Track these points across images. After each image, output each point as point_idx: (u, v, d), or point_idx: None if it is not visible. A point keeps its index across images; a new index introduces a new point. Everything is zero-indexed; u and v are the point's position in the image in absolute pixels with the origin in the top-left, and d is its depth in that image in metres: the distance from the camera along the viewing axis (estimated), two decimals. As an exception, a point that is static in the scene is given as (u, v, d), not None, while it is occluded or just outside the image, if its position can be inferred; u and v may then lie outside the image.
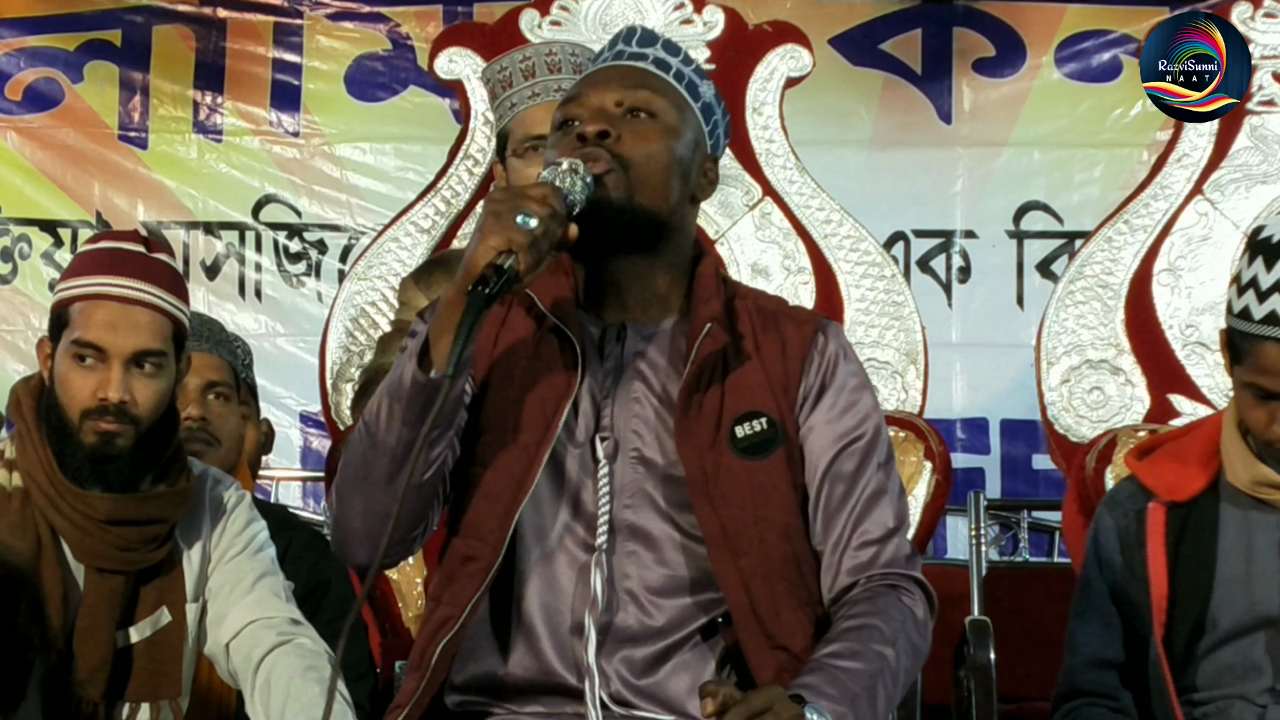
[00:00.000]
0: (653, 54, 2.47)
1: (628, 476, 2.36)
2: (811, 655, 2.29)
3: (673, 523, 2.36)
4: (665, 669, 2.33)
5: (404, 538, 2.39)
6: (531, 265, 2.23)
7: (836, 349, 2.45)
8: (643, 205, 2.37)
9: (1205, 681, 2.81)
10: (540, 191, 2.26)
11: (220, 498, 2.85)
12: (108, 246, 2.78)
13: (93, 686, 2.70)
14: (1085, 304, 3.67)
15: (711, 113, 2.48)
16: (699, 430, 2.35)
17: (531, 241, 2.22)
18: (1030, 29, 6.70)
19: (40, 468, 2.72)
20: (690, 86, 2.46)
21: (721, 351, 2.38)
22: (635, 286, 2.42)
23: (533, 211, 2.23)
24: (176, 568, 2.78)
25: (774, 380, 2.41)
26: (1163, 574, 2.82)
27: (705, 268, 2.46)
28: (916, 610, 2.38)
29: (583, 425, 2.38)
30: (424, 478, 2.33)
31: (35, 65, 6.77)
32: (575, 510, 2.36)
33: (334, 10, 6.78)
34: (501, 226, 2.22)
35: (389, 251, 3.84)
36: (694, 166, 2.44)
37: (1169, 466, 2.89)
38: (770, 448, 2.37)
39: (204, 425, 3.52)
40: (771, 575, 2.34)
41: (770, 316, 2.46)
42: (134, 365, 2.71)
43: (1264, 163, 3.72)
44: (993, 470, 6.56)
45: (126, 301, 2.71)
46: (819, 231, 3.79)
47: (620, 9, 3.88)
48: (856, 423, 2.42)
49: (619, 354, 2.41)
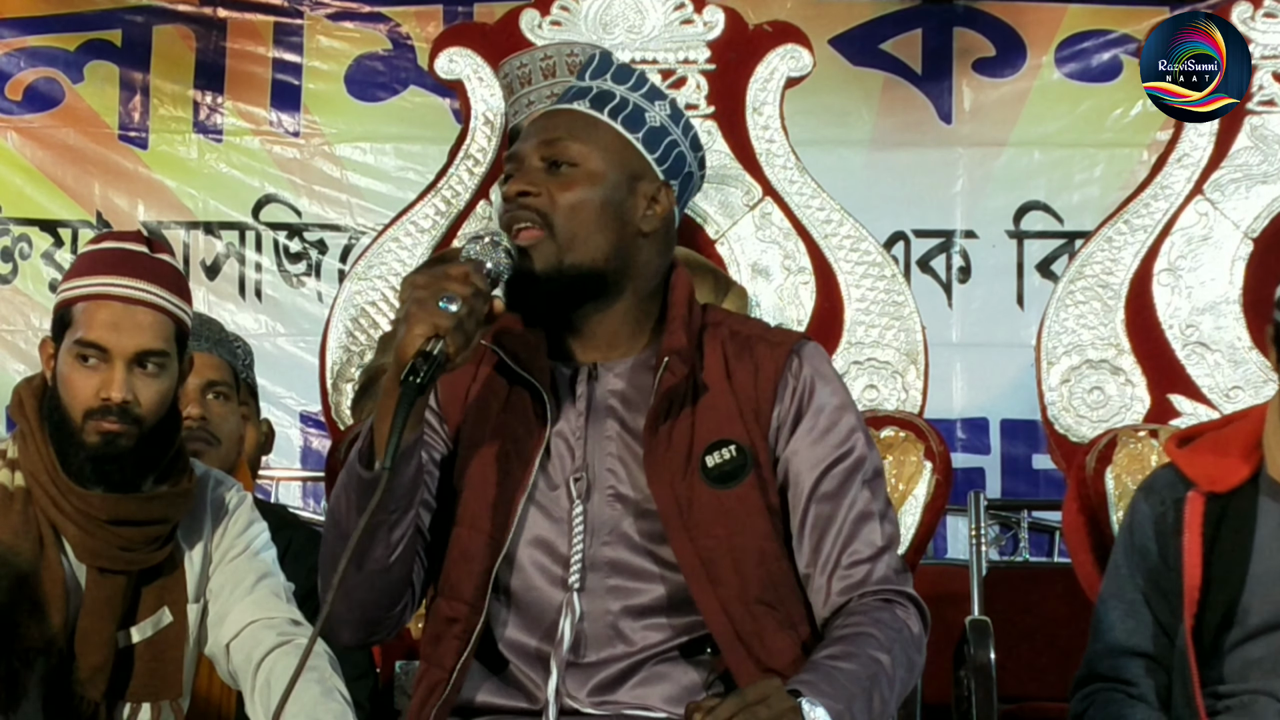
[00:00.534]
0: (596, 87, 2.46)
1: (603, 514, 2.38)
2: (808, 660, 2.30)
3: (649, 555, 2.37)
4: (636, 679, 2.34)
5: (383, 617, 2.42)
6: (461, 346, 2.25)
7: (812, 370, 2.44)
8: (573, 264, 2.38)
9: (1231, 675, 2.80)
10: (460, 270, 2.27)
11: (222, 499, 2.85)
12: (110, 247, 2.78)
13: (93, 686, 2.70)
14: (1085, 304, 3.67)
15: (661, 137, 2.45)
16: (670, 462, 2.36)
17: (457, 324, 2.24)
18: (1030, 29, 6.70)
19: (43, 467, 2.73)
20: (630, 117, 2.44)
21: (688, 382, 2.38)
22: (598, 330, 2.43)
23: (454, 294, 2.25)
24: (178, 568, 2.78)
25: (745, 406, 2.40)
26: (1197, 564, 2.80)
27: (676, 296, 2.45)
28: (911, 624, 2.37)
29: (558, 468, 2.40)
30: (390, 561, 2.35)
31: (36, 65, 6.77)
32: (551, 552, 2.38)
33: (334, 10, 6.79)
34: (425, 313, 2.24)
35: (389, 251, 3.84)
36: (631, 203, 2.42)
37: (1209, 457, 2.87)
38: (741, 474, 2.37)
39: (204, 425, 3.52)
40: (750, 601, 2.35)
41: (744, 341, 2.45)
42: (136, 365, 2.71)
43: (1264, 163, 3.71)
44: (993, 470, 6.57)
45: (129, 301, 2.71)
46: (819, 231, 3.78)
47: (620, 9, 3.87)
48: (837, 443, 2.41)
49: (589, 393, 2.42)
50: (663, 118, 2.46)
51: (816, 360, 2.46)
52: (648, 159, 2.44)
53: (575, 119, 2.44)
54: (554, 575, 2.37)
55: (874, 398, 3.65)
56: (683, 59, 3.85)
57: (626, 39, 3.85)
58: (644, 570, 2.36)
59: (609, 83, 2.46)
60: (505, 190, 2.41)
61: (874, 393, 3.68)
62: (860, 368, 3.69)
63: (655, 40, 3.86)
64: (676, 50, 3.85)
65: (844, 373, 3.64)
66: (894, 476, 3.43)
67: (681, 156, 2.47)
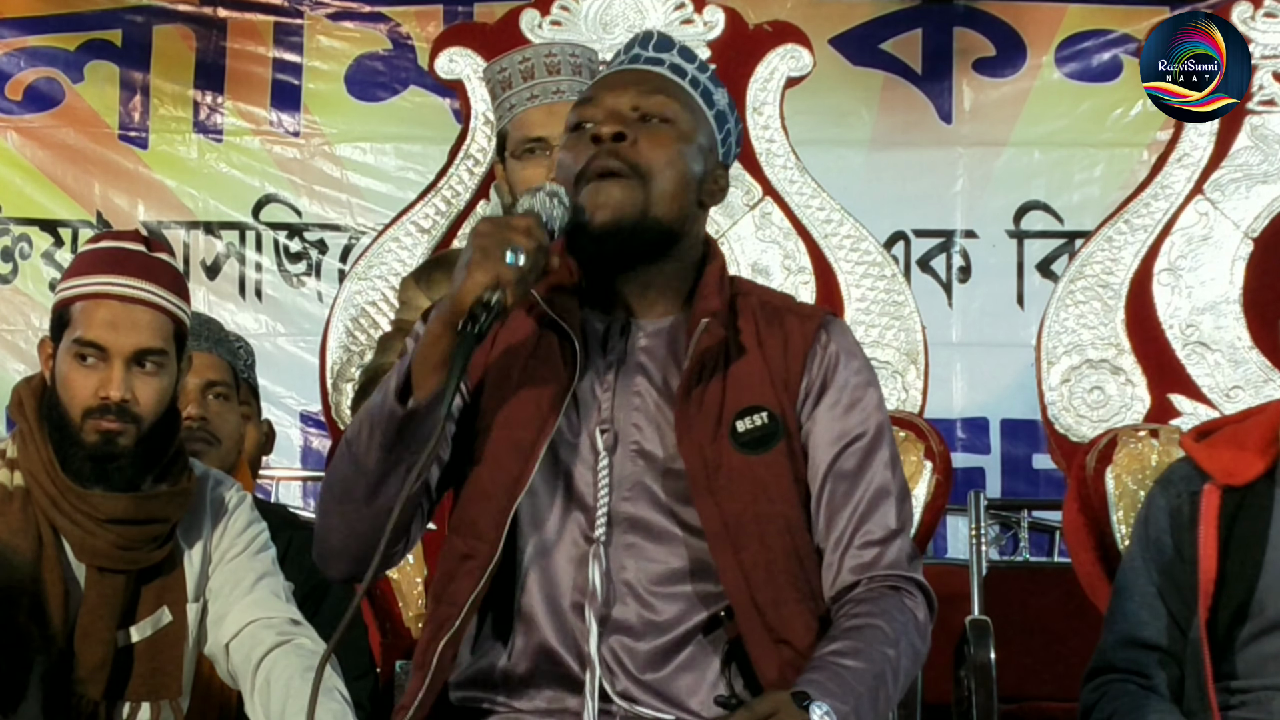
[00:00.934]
0: (669, 59, 2.47)
1: (626, 469, 2.36)
2: (815, 653, 2.29)
3: (672, 516, 2.36)
4: (670, 666, 2.33)
5: (375, 555, 2.36)
6: (519, 298, 2.25)
7: (840, 346, 2.45)
8: (655, 218, 2.37)
9: (1245, 670, 2.79)
10: (525, 223, 2.26)
11: (221, 498, 2.86)
12: (109, 246, 2.78)
13: (93, 685, 2.70)
14: (1085, 304, 3.67)
15: (725, 120, 2.49)
16: (700, 424, 2.35)
17: (520, 277, 2.23)
18: (1031, 29, 6.70)
19: (42, 467, 2.73)
20: (705, 93, 2.46)
21: (722, 346, 2.39)
22: (642, 288, 2.43)
23: (520, 246, 2.23)
24: (177, 567, 2.79)
25: (775, 375, 2.40)
26: (1212, 557, 2.80)
27: (712, 267, 2.46)
28: (918, 613, 2.38)
29: (584, 419, 2.38)
30: (401, 498, 2.30)
31: (36, 65, 6.77)
32: (574, 502, 2.36)
33: (334, 10, 6.79)
34: (490, 263, 2.22)
35: (389, 251, 3.84)
36: (706, 174, 2.45)
37: (1227, 450, 2.87)
38: (771, 442, 2.37)
39: (203, 425, 3.52)
40: (773, 569, 2.34)
41: (775, 312, 2.47)
42: (135, 364, 2.71)
43: (1264, 162, 3.72)
44: (993, 470, 6.57)
45: (128, 300, 2.71)
46: (819, 231, 3.78)
47: (620, 9, 3.87)
48: (859, 420, 2.42)
49: (622, 348, 2.41)
50: (724, 104, 2.49)
51: (844, 336, 2.47)
52: (717, 137, 2.47)
53: (666, 81, 2.44)
54: (576, 525, 2.35)
55: (874, 397, 3.65)
56: (683, 59, 3.85)
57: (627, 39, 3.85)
58: (664, 531, 2.35)
59: (677, 58, 2.47)
60: (598, 130, 2.38)
61: (874, 392, 3.67)
62: (860, 367, 3.69)
63: (655, 40, 3.85)
64: (677, 50, 3.85)
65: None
66: (894, 476, 3.43)
67: (730, 143, 2.51)
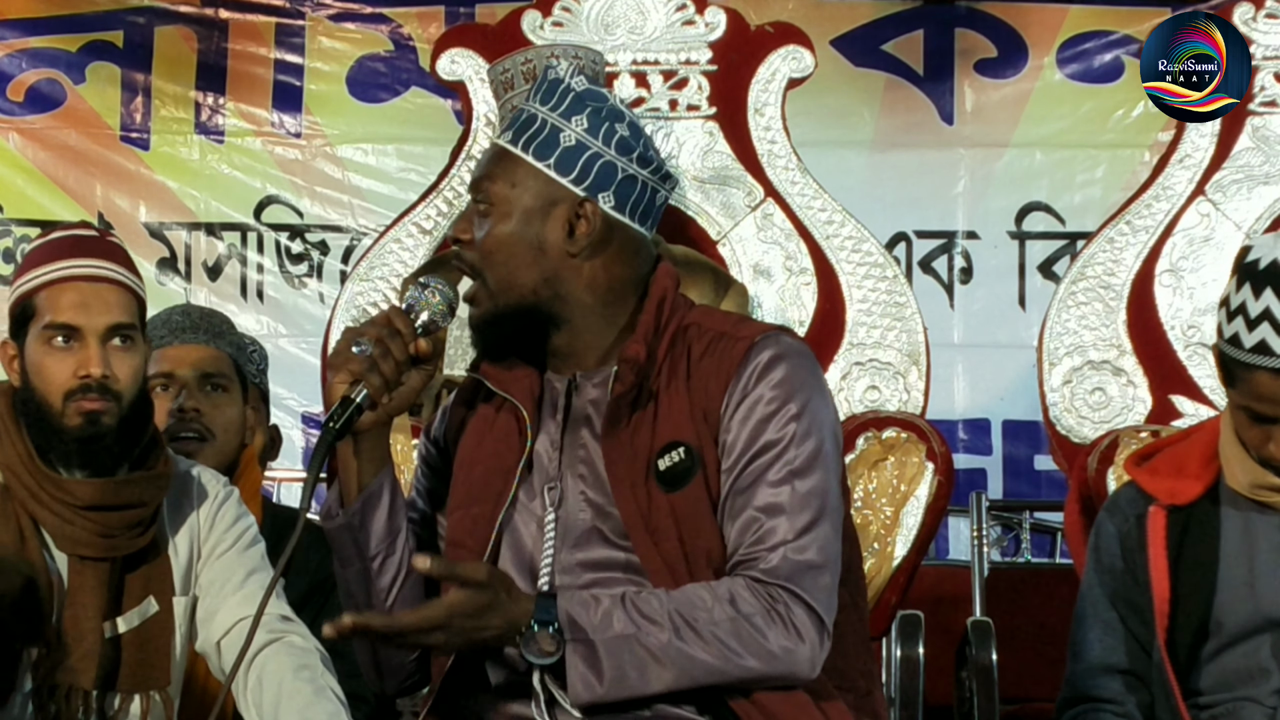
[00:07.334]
0: (526, 112, 2.48)
1: (576, 519, 2.42)
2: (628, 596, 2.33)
3: (624, 551, 2.40)
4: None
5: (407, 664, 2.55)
6: (381, 387, 2.37)
7: (768, 360, 2.41)
8: (506, 304, 2.46)
9: (1211, 685, 2.81)
10: (381, 316, 2.42)
11: (208, 492, 2.85)
12: (62, 235, 2.80)
13: (84, 676, 2.70)
14: (1087, 305, 3.68)
15: (577, 155, 2.45)
16: (630, 468, 2.40)
17: (370, 366, 2.36)
18: (1032, 30, 6.70)
19: (19, 460, 2.73)
20: (543, 144, 2.45)
21: (634, 390, 2.40)
22: (564, 348, 2.48)
23: (365, 339, 2.37)
24: (161, 556, 2.78)
25: (697, 406, 2.41)
26: (1164, 577, 2.82)
27: (649, 303, 2.46)
28: (775, 622, 2.33)
29: (538, 479, 2.46)
30: (388, 605, 2.45)
31: (37, 66, 6.77)
32: (525, 561, 2.44)
33: (336, 11, 6.79)
34: (340, 360, 2.38)
35: (391, 252, 3.85)
36: (546, 230, 2.45)
37: (1168, 471, 2.89)
38: (688, 477, 2.39)
39: (197, 417, 3.47)
40: None
41: (714, 339, 2.45)
42: (109, 341, 2.72)
43: (1266, 163, 3.72)
44: (995, 471, 6.56)
45: (94, 280, 2.72)
46: (821, 232, 3.79)
47: (622, 10, 3.88)
48: (763, 434, 2.39)
49: (568, 405, 2.47)
50: (578, 133, 2.45)
51: (777, 350, 2.43)
52: (561, 182, 2.45)
53: (496, 157, 2.50)
54: (526, 582, 2.41)
55: (876, 399, 3.66)
56: (684, 60, 3.86)
57: (628, 40, 3.86)
58: (625, 562, 2.39)
59: (535, 105, 2.48)
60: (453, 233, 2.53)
61: (876, 394, 3.68)
62: (862, 369, 3.70)
63: (657, 41, 3.86)
64: (678, 51, 3.85)
65: (845, 374, 3.65)
66: (895, 477, 3.43)
67: (607, 166, 2.45)
